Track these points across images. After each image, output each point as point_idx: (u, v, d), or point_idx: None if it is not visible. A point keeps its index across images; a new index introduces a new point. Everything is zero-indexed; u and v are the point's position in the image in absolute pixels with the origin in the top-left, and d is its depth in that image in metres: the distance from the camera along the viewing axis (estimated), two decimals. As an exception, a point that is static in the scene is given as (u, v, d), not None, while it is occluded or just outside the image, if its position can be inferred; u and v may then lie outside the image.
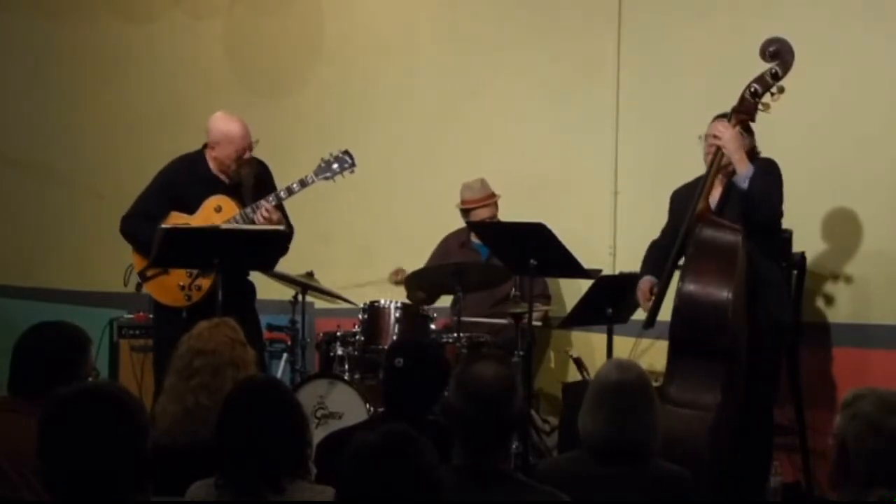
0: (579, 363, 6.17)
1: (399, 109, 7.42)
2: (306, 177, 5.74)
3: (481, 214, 6.61)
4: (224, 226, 5.64)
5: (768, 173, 5.31)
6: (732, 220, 5.24)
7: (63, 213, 8.09)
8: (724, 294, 5.01)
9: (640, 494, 3.43)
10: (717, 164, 5.28)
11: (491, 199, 6.66)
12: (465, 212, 6.68)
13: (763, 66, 5.24)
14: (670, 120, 6.49)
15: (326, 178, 5.80)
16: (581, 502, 3.26)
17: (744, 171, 5.24)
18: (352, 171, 5.83)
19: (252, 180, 5.83)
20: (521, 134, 7.09)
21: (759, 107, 5.27)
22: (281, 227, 5.63)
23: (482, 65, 7.21)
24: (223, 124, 5.84)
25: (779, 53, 5.25)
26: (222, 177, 5.87)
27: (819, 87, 6.27)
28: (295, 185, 5.72)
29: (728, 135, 5.23)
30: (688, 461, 3.68)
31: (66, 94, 8.14)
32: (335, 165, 5.80)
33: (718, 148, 5.26)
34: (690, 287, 5.05)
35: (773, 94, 5.26)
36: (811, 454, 6.04)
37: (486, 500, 3.09)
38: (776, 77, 5.23)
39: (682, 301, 5.05)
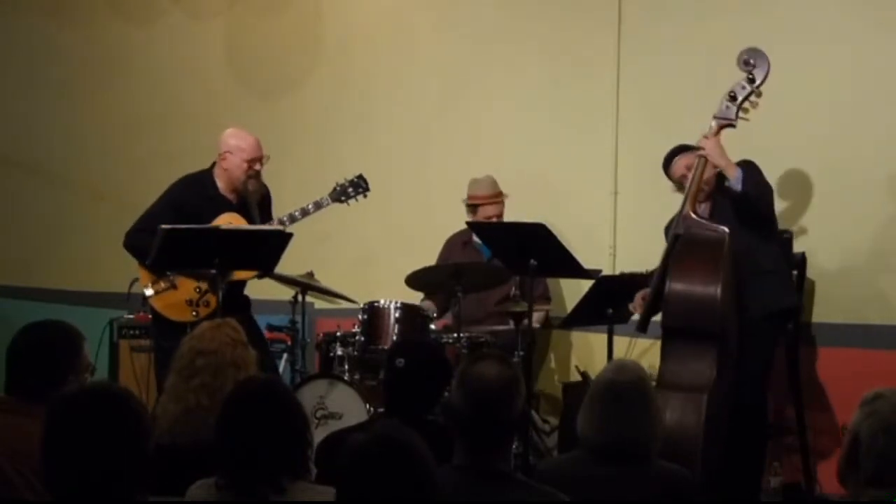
0: (585, 377, 6.18)
1: (398, 109, 7.42)
2: (321, 199, 5.94)
3: (488, 211, 6.61)
4: (224, 226, 5.66)
5: (756, 172, 5.51)
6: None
7: (63, 213, 8.10)
8: (712, 283, 5.19)
9: (639, 495, 3.44)
10: (701, 172, 5.47)
11: (499, 197, 6.66)
12: (472, 207, 6.67)
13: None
14: (670, 120, 6.48)
15: (341, 202, 6.01)
16: (581, 502, 3.26)
17: (734, 175, 5.43)
18: (365, 196, 6.05)
19: (258, 198, 5.95)
20: (521, 134, 7.08)
21: (739, 113, 5.46)
22: (280, 228, 5.66)
23: (482, 65, 7.21)
24: (235, 135, 5.97)
25: (753, 61, 5.45)
26: (230, 196, 5.93)
27: (819, 88, 6.28)
28: (310, 206, 5.89)
29: (710, 144, 5.45)
30: (684, 445, 3.69)
31: (65, 94, 8.15)
32: (350, 189, 6.01)
33: (702, 157, 5.45)
34: (677, 278, 5.25)
35: (751, 101, 5.46)
36: (811, 454, 6.03)
37: (485, 500, 3.08)
38: (752, 82, 5.44)
39: (671, 293, 5.24)
